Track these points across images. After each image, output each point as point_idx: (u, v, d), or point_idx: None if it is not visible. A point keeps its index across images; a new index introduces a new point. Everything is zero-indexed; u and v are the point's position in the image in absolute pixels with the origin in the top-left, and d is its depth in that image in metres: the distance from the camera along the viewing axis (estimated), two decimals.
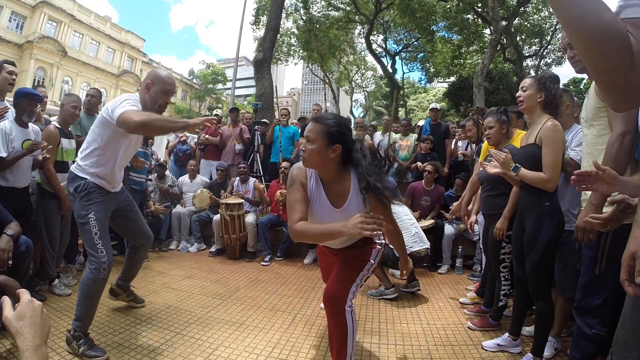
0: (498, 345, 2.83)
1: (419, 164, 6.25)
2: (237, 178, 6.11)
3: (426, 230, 4.61)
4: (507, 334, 2.84)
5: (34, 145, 3.32)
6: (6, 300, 1.08)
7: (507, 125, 3.16)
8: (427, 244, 4.10)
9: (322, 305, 3.61)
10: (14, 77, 3.56)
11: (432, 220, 5.03)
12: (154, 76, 2.74)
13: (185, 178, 6.50)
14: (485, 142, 4.01)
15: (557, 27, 20.92)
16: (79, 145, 3.52)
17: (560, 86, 2.67)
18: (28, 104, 3.40)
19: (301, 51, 23.77)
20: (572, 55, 2.19)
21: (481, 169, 3.26)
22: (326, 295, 2.15)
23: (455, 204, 3.86)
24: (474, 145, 6.33)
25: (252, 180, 6.09)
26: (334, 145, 1.98)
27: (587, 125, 2.13)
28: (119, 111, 2.44)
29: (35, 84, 9.24)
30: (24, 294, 1.07)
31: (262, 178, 6.88)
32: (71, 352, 2.58)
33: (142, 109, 2.61)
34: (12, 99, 3.56)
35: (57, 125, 3.81)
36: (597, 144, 2.05)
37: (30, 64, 30.79)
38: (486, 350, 2.83)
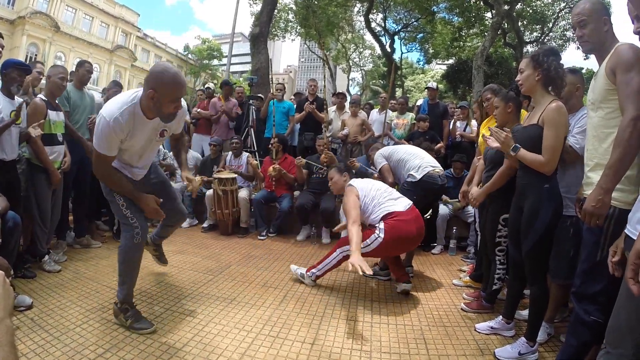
0: (491, 328, 2.81)
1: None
2: (230, 153, 6.02)
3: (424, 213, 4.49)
4: (500, 317, 2.82)
5: (17, 110, 3.25)
6: None
7: (515, 103, 3.00)
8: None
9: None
10: (0, 49, 3.38)
11: (428, 212, 4.87)
12: (155, 81, 2.28)
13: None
14: (484, 122, 3.94)
15: (559, 14, 20.66)
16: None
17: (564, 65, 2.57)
18: (19, 74, 3.31)
19: (298, 27, 23.37)
20: (581, 35, 2.11)
21: (486, 147, 3.20)
22: None
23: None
24: (473, 127, 6.29)
25: (245, 155, 6.00)
26: None
27: (594, 107, 2.06)
28: (95, 137, 2.42)
29: (34, 60, 8.91)
30: None
31: (256, 153, 6.80)
32: (119, 324, 2.67)
33: (143, 116, 2.42)
34: None
35: (44, 97, 3.68)
36: (604, 127, 1.99)
37: (22, 39, 30.34)
38: (479, 333, 2.81)
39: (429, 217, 4.79)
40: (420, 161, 3.98)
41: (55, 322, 2.64)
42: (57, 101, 3.91)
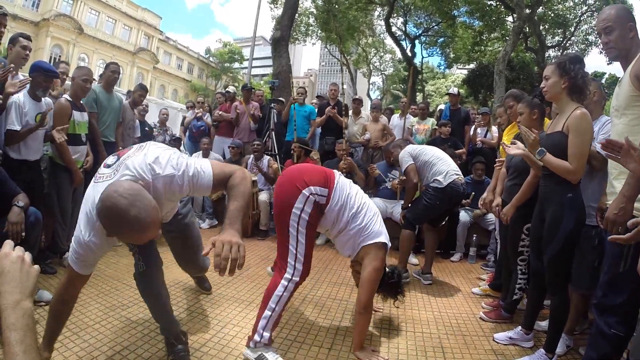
0: (510, 338, 2.77)
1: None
2: (252, 156, 6.06)
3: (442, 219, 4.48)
4: (519, 327, 2.78)
5: (43, 115, 3.30)
6: None
7: (539, 110, 2.98)
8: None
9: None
10: (28, 52, 3.45)
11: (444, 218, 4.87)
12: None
13: (198, 156, 6.47)
14: (506, 129, 3.89)
15: (581, 18, 20.37)
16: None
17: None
18: (44, 79, 3.36)
19: (319, 31, 23.45)
20: (607, 41, 2.08)
21: (506, 152, 3.17)
22: None
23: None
24: (494, 133, 6.21)
25: (266, 158, 6.04)
26: None
27: (618, 114, 2.03)
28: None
29: (58, 60, 9.01)
30: (5, 245, 1.01)
31: (277, 156, 6.84)
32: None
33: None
34: (26, 73, 3.49)
35: (69, 98, 3.76)
36: (628, 134, 1.94)
37: (46, 41, 31.39)
38: (497, 343, 2.78)
39: (444, 223, 4.79)
40: (447, 167, 3.94)
41: (74, 318, 2.67)
42: (84, 102, 4.00)
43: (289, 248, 2.35)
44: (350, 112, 7.19)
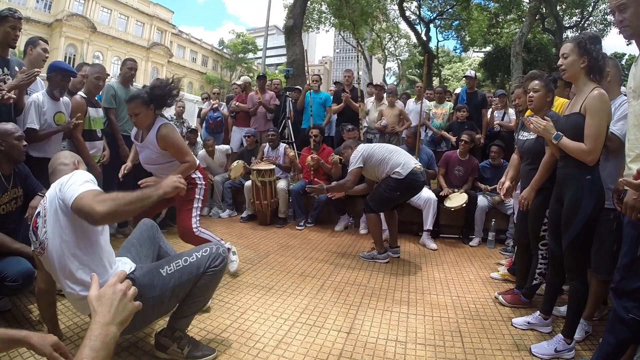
0: (528, 323, 2.76)
1: (449, 136, 6.15)
2: (267, 144, 6.10)
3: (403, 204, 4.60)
4: (538, 312, 2.77)
5: (67, 124, 3.48)
6: (94, 278, 1.11)
7: (553, 94, 2.96)
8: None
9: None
10: (47, 54, 3.57)
11: (464, 200, 4.92)
12: None
13: (203, 153, 6.44)
14: (528, 111, 3.83)
15: None
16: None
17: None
18: (62, 79, 3.46)
19: (332, 18, 23.26)
20: (621, 19, 2.01)
21: (521, 136, 3.14)
22: (181, 234, 3.26)
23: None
24: (511, 116, 6.13)
25: (282, 146, 6.07)
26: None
27: (635, 95, 1.96)
28: (73, 192, 1.76)
29: (81, 62, 9.15)
30: (114, 277, 1.09)
31: (294, 144, 6.87)
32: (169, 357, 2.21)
33: None
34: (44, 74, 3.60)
35: (84, 95, 3.89)
36: None
37: (60, 41, 31.99)
38: (515, 327, 2.77)
39: (464, 205, 4.79)
40: (403, 158, 4.04)
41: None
42: (104, 99, 4.12)
43: None
44: (372, 98, 7.20)
